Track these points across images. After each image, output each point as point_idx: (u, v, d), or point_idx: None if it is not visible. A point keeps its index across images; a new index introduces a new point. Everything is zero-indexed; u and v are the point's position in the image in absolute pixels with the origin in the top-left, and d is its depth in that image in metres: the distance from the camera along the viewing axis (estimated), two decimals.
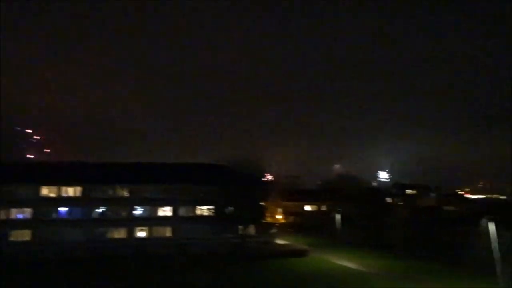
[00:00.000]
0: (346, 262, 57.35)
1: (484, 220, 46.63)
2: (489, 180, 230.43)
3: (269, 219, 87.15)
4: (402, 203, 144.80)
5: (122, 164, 75.91)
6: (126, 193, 67.71)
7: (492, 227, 38.17)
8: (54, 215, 64.11)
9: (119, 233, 65.79)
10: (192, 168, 76.18)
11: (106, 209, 66.19)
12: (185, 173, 72.75)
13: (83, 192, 65.32)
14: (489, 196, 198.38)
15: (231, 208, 66.39)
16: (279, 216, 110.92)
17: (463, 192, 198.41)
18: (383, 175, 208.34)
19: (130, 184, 67.72)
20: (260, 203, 70.20)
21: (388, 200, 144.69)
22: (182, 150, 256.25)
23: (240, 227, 64.96)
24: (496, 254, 36.95)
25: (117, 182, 67.68)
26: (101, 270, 52.05)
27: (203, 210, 67.57)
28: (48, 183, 64.69)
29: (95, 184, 66.18)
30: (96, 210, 65.98)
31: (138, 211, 67.66)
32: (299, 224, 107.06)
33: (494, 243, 37.06)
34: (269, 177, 71.31)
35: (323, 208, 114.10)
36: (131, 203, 66.96)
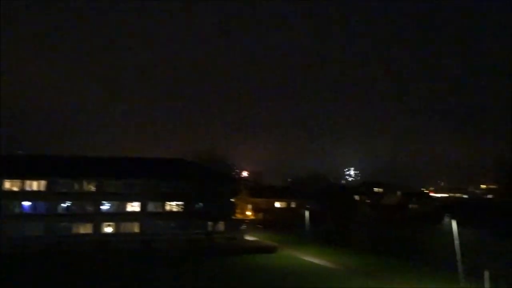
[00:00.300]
0: (313, 259, 58.07)
1: (446, 218, 48.21)
2: (452, 179, 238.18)
3: (238, 216, 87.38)
4: (369, 201, 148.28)
5: (88, 158, 74.33)
6: (92, 188, 66.36)
7: (454, 224, 39.38)
8: (17, 210, 62.17)
9: (85, 228, 64.45)
10: (160, 163, 75.36)
11: (71, 203, 64.65)
12: (153, 168, 71.89)
13: (48, 186, 63.53)
14: (451, 194, 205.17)
15: (200, 204, 66.18)
16: (248, 213, 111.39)
17: (428, 191, 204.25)
18: (351, 174, 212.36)
19: (96, 178, 66.35)
20: (230, 200, 70.21)
21: (356, 198, 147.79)
22: (149, 145, 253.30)
23: (209, 223, 64.74)
24: (458, 251, 38.18)
25: (83, 176, 66.21)
26: (62, 264, 51.02)
27: (172, 206, 66.92)
28: (11, 176, 62.63)
29: (60, 178, 64.47)
30: (62, 204, 64.39)
31: (106, 206, 66.51)
32: (269, 221, 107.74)
33: (456, 241, 38.28)
34: (238, 173, 71.43)
35: (293, 205, 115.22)
36: (97, 197, 65.64)
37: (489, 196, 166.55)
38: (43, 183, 63.49)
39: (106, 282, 44.00)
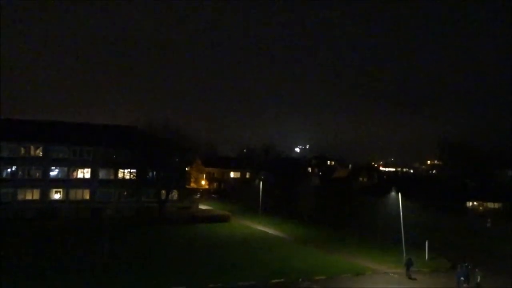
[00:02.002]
0: (265, 228, 59.43)
1: (392, 191, 50.34)
2: (400, 155, 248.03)
3: (193, 185, 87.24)
4: (320, 174, 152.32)
5: (35, 122, 70.97)
6: (40, 153, 63.78)
7: (399, 198, 41.17)
8: None
9: (32, 195, 62.24)
10: (112, 130, 73.22)
11: (16, 168, 61.95)
12: (104, 135, 69.74)
13: None
14: (399, 169, 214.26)
15: (153, 173, 65.33)
16: (203, 182, 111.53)
17: (377, 165, 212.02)
18: (302, 146, 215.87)
19: (44, 143, 63.74)
20: (183, 169, 69.74)
21: (309, 170, 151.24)
22: (99, 112, 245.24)
23: (162, 192, 64.23)
24: (402, 223, 40.06)
25: (30, 140, 63.35)
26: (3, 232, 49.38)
27: (125, 173, 65.63)
28: None
29: (5, 142, 61.34)
30: (7, 170, 61.61)
31: (54, 172, 64.32)
32: (223, 191, 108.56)
33: (401, 213, 40.10)
34: (191, 143, 70.63)
35: (247, 176, 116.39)
36: (45, 163, 63.27)
37: (433, 171, 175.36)
38: None
39: (40, 249, 43.09)
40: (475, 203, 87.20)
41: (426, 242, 43.21)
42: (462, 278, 32.64)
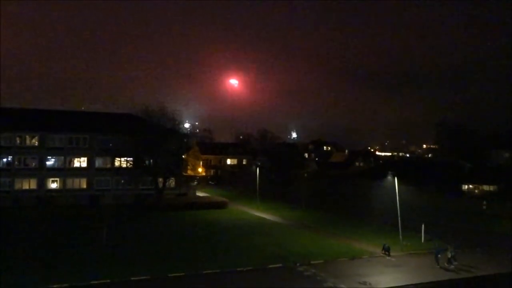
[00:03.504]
0: (262, 214, 59.77)
1: (389, 176, 50.60)
2: (396, 140, 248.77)
3: (190, 172, 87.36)
4: (317, 159, 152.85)
5: (31, 110, 70.72)
6: (35, 142, 63.61)
7: (396, 181, 41.34)
8: None
9: (29, 184, 62.23)
10: (108, 118, 73.06)
11: (13, 158, 61.81)
12: (100, 123, 69.62)
13: None
14: (395, 154, 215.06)
15: (150, 160, 65.35)
16: (200, 169, 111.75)
17: (373, 150, 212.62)
18: (298, 132, 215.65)
19: (40, 132, 63.52)
20: (180, 156, 69.77)
21: (306, 155, 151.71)
22: (94, 100, 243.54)
23: (159, 179, 64.31)
24: (398, 207, 40.32)
25: (25, 129, 63.11)
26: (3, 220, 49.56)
27: (122, 161, 65.63)
28: None
29: (0, 131, 61.07)
30: (3, 159, 61.49)
31: (51, 161, 64.26)
32: (220, 177, 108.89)
33: (397, 197, 40.30)
34: (188, 130, 70.64)
35: (244, 162, 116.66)
36: (41, 152, 63.14)
37: (429, 155, 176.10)
38: None
39: (37, 234, 43.31)
40: (470, 186, 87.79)
41: (422, 225, 43.64)
42: (439, 255, 35.58)
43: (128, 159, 65.27)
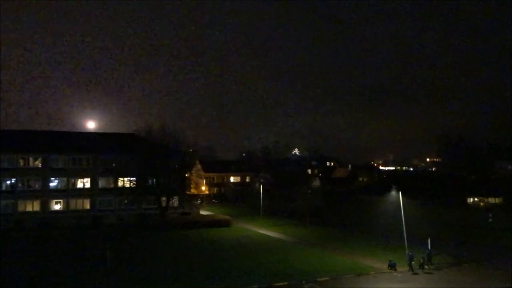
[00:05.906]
0: (266, 231, 59.36)
1: (393, 190, 50.34)
2: (399, 154, 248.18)
3: (193, 191, 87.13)
4: (320, 174, 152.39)
5: (34, 132, 70.94)
6: (39, 163, 63.67)
7: (400, 196, 41.13)
8: None
9: (32, 206, 62.05)
10: (110, 138, 73.21)
11: (16, 180, 61.77)
12: (103, 143, 69.74)
13: None
14: (398, 168, 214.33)
15: (153, 180, 65.24)
16: (203, 188, 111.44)
17: (376, 165, 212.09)
18: (301, 148, 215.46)
19: (43, 153, 63.62)
20: (183, 175, 69.68)
21: (309, 171, 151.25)
22: (97, 120, 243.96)
23: (162, 198, 64.15)
24: (403, 221, 39.99)
25: (28, 151, 63.24)
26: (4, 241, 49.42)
27: (124, 181, 65.53)
28: None
29: (3, 153, 61.19)
30: (6, 181, 61.48)
31: (54, 182, 64.22)
32: (224, 195, 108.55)
33: (402, 211, 40.05)
34: (190, 148, 70.76)
35: (247, 179, 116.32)
36: (44, 173, 63.15)
37: (433, 169, 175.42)
38: None
39: (39, 255, 43.22)
40: (475, 198, 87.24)
41: (429, 240, 43.20)
42: (413, 262, 37.90)
43: (131, 178, 65.23)
